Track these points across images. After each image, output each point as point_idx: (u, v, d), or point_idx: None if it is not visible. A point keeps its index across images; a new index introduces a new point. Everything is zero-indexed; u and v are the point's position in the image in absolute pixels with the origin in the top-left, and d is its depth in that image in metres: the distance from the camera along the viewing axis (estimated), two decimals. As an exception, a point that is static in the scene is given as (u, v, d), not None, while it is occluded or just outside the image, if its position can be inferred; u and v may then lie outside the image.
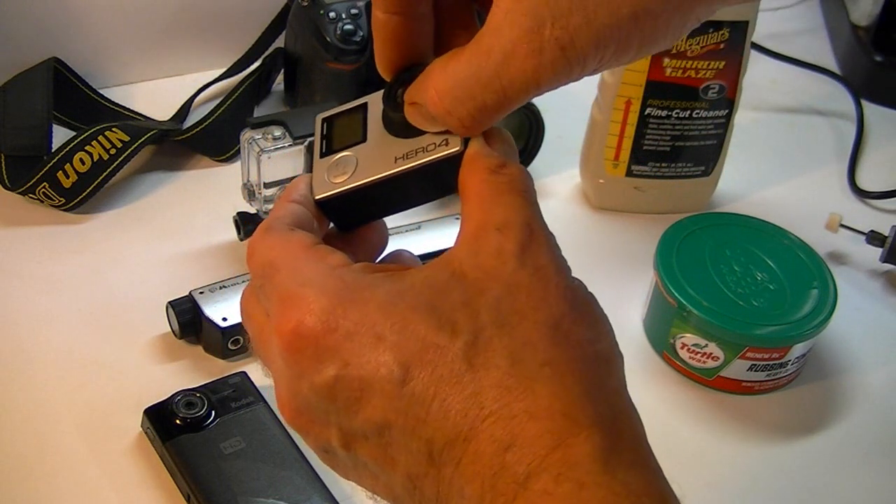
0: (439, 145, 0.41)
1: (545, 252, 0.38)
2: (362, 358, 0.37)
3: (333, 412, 0.38)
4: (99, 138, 0.76)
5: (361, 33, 0.81)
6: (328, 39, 0.80)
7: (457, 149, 0.41)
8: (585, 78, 0.83)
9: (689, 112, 0.77)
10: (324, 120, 0.46)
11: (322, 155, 0.44)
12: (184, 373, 0.65)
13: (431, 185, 0.43)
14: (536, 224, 0.39)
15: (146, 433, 0.60)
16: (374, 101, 0.44)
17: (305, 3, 0.81)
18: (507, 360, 0.36)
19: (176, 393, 0.60)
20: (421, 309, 0.37)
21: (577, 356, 0.37)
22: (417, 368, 0.36)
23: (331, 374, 0.37)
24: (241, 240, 0.73)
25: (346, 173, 0.43)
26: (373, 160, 0.43)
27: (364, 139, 0.43)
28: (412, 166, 0.42)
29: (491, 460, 0.35)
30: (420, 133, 0.42)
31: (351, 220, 0.45)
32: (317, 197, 0.43)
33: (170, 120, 0.84)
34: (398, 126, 0.42)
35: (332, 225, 0.45)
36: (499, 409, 0.35)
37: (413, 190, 0.43)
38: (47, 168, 0.74)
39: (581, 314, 0.38)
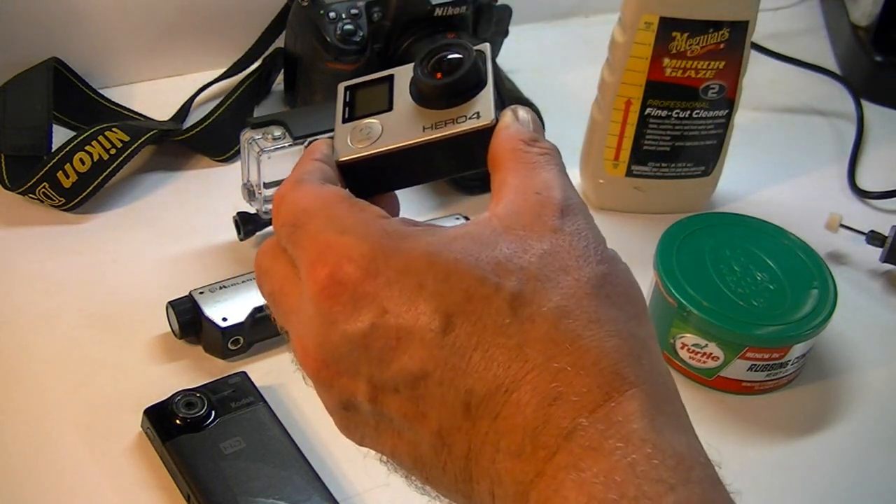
0: (470, 117, 0.42)
1: (582, 218, 0.39)
2: (402, 306, 0.36)
3: (365, 362, 0.37)
4: (99, 138, 0.76)
5: (361, 33, 0.81)
6: (328, 39, 0.80)
7: (489, 121, 0.41)
8: (585, 78, 0.83)
9: (689, 112, 0.76)
10: (346, 88, 0.46)
11: (344, 120, 0.44)
12: (184, 373, 0.65)
13: (459, 156, 0.43)
14: (573, 192, 0.40)
15: (146, 433, 0.60)
16: (401, 74, 0.44)
17: (305, 3, 0.81)
18: (554, 314, 0.36)
19: (176, 393, 0.60)
20: (465, 260, 0.36)
21: (619, 316, 0.37)
22: (460, 318, 0.36)
23: (367, 322, 0.36)
24: (241, 240, 0.73)
25: (370, 139, 0.43)
26: (400, 128, 0.43)
27: (390, 108, 0.43)
28: (443, 136, 0.42)
29: (535, 413, 0.34)
30: (450, 105, 0.42)
31: (369, 186, 0.44)
32: (340, 159, 0.43)
33: (170, 120, 0.84)
34: (428, 96, 0.43)
35: None
36: (544, 362, 0.35)
37: (439, 160, 0.43)
38: (47, 168, 0.74)
39: (620, 278, 0.38)
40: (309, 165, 0.42)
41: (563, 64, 0.99)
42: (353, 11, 0.81)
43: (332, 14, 0.80)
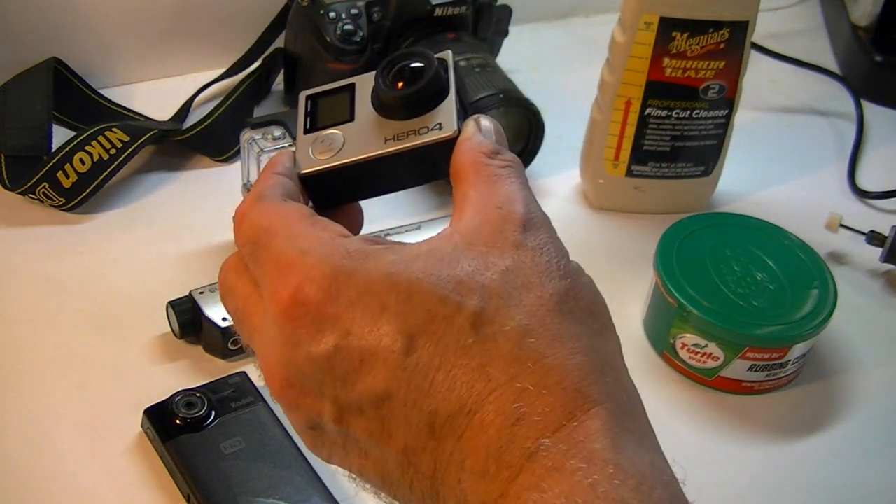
0: (433, 129, 0.41)
1: (545, 232, 0.39)
2: (364, 328, 0.36)
3: (329, 383, 0.37)
4: (99, 138, 0.76)
5: (361, 33, 0.81)
6: (328, 39, 0.80)
7: (451, 133, 0.41)
8: (585, 78, 0.83)
9: (689, 112, 0.76)
10: (308, 97, 0.45)
11: (306, 131, 0.44)
12: (184, 373, 0.65)
13: (421, 168, 0.43)
14: (535, 206, 0.40)
15: (146, 433, 0.60)
16: (363, 83, 0.44)
17: (305, 3, 0.81)
18: (516, 333, 0.35)
19: (176, 393, 0.60)
20: (427, 279, 0.36)
21: (583, 332, 0.37)
22: (423, 338, 0.36)
23: (330, 344, 0.36)
24: (241, 240, 0.73)
25: (332, 150, 0.43)
26: (361, 139, 0.42)
27: (351, 118, 0.43)
28: (404, 147, 0.41)
29: (498, 433, 0.34)
30: (411, 116, 0.42)
31: (332, 198, 0.44)
32: (302, 171, 0.43)
33: (170, 120, 0.84)
34: (390, 107, 0.42)
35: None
36: (507, 381, 0.35)
37: (401, 172, 0.43)
38: (47, 168, 0.74)
39: (583, 293, 0.38)
40: (270, 180, 0.42)
41: (563, 64, 0.99)
42: (353, 11, 0.81)
43: (332, 14, 0.80)
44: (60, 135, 0.78)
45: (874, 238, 0.78)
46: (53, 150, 0.75)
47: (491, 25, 0.87)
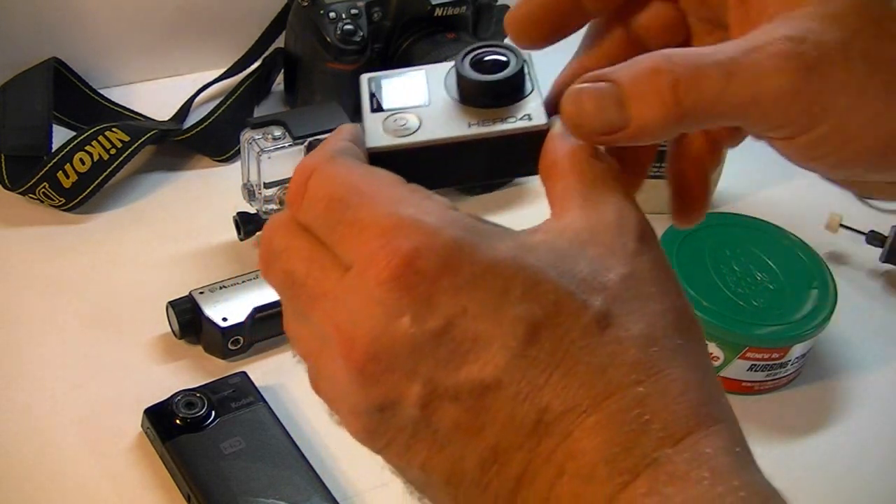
0: (520, 119, 0.39)
1: (657, 246, 0.37)
2: (486, 308, 0.33)
3: (429, 363, 0.33)
4: (99, 138, 0.76)
5: (361, 33, 0.81)
6: (328, 39, 0.80)
7: (542, 124, 0.39)
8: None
9: (689, 112, 0.76)
10: (370, 79, 0.42)
11: (373, 110, 0.41)
12: (184, 373, 0.65)
13: (504, 158, 0.40)
14: (645, 217, 0.38)
15: (146, 433, 0.60)
16: (431, 71, 0.42)
17: (305, 3, 0.81)
18: (640, 339, 0.34)
19: (176, 393, 0.60)
20: (552, 270, 0.34)
21: (699, 350, 0.36)
22: (547, 330, 0.33)
23: (441, 320, 0.33)
24: (241, 240, 0.73)
25: (407, 130, 0.40)
26: (441, 122, 0.40)
27: (427, 102, 0.41)
28: (492, 133, 0.39)
29: (614, 437, 0.32)
30: (497, 104, 0.40)
31: None
32: (374, 147, 0.39)
33: (170, 120, 0.84)
34: (475, 93, 0.40)
35: None
36: (629, 386, 0.33)
37: (483, 160, 0.41)
38: (47, 168, 0.74)
39: (692, 313, 0.37)
40: (341, 144, 0.38)
41: (563, 64, 0.98)
42: (353, 11, 0.81)
43: (332, 14, 0.80)
44: (60, 135, 0.78)
45: (874, 238, 0.78)
46: (53, 150, 0.75)
47: (491, 25, 0.87)
